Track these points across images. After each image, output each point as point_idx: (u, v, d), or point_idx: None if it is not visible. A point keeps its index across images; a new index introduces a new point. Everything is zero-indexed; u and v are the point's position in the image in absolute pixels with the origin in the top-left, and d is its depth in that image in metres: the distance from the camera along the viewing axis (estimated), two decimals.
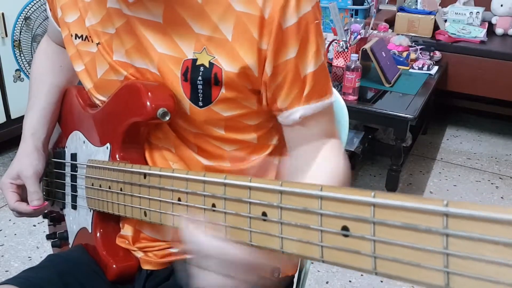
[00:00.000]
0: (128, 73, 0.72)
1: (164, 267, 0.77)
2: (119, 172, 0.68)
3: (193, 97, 0.68)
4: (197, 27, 0.65)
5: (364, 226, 0.36)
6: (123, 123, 0.72)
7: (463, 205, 0.30)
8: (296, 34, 0.64)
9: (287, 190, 0.41)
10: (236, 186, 0.46)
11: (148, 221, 0.63)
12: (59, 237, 0.90)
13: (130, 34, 0.69)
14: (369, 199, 0.35)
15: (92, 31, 0.74)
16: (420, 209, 0.32)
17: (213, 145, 0.73)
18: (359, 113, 2.07)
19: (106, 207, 0.72)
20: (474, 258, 0.30)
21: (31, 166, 0.84)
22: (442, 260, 0.31)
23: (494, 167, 2.62)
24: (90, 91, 0.79)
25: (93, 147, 0.79)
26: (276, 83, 0.67)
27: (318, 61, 0.67)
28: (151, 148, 0.75)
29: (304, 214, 0.40)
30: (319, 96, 0.69)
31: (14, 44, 2.30)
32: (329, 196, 0.38)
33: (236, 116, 0.71)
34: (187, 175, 0.53)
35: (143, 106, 0.67)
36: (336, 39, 2.32)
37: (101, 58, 0.74)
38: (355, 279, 1.79)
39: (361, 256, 0.36)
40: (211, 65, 0.66)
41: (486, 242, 0.29)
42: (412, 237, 0.33)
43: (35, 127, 0.87)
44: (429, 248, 0.32)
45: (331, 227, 0.38)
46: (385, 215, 0.34)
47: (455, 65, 2.68)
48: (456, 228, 0.31)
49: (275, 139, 0.79)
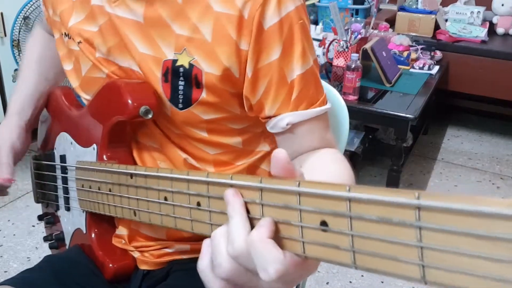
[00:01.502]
0: (109, 71, 0.72)
1: (160, 267, 0.77)
2: (107, 173, 0.67)
3: (173, 98, 0.67)
4: (178, 27, 0.64)
5: (341, 221, 0.36)
6: (107, 122, 0.71)
7: (435, 197, 0.30)
8: (278, 35, 0.62)
9: (267, 186, 0.41)
10: (219, 184, 0.46)
11: (138, 221, 0.63)
12: (56, 239, 0.90)
13: (113, 32, 0.69)
14: (344, 194, 0.35)
15: (73, 31, 0.74)
16: (393, 202, 0.32)
17: (196, 147, 0.73)
18: (359, 113, 2.06)
19: (98, 208, 0.72)
20: (448, 251, 0.29)
21: (10, 139, 0.82)
22: (416, 253, 0.31)
23: (495, 167, 2.61)
24: (77, 89, 0.79)
25: (80, 148, 0.79)
26: (262, 88, 0.65)
27: (305, 64, 0.65)
28: (139, 147, 0.74)
29: (284, 210, 0.40)
30: (309, 104, 0.66)
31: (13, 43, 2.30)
32: (307, 192, 0.38)
33: (217, 120, 0.69)
34: (171, 174, 0.53)
35: (125, 104, 0.67)
36: (336, 39, 2.31)
37: (84, 57, 0.74)
38: (355, 280, 1.78)
39: (340, 251, 0.36)
40: (191, 66, 0.65)
41: (460, 235, 0.29)
42: (387, 230, 0.33)
43: (20, 107, 0.86)
44: (403, 241, 0.32)
45: (310, 223, 0.38)
46: (360, 209, 0.34)
47: (456, 65, 2.67)
48: (428, 221, 0.30)
49: (264, 145, 0.77)
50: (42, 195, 0.93)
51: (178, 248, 0.76)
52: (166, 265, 0.77)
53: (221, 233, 0.42)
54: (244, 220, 0.41)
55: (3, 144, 0.81)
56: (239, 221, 0.40)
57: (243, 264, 0.39)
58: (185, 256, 0.77)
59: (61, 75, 0.92)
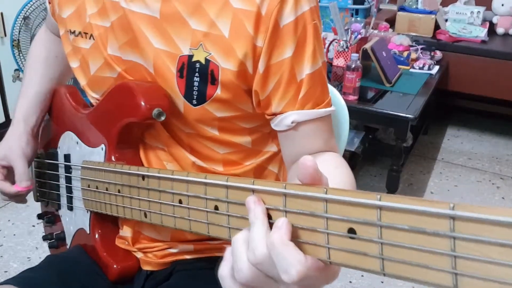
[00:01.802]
0: (121, 69, 0.71)
1: (164, 268, 0.77)
2: (116, 173, 0.67)
3: (188, 94, 0.67)
4: (194, 23, 0.65)
5: (370, 229, 0.36)
6: (118, 123, 0.71)
7: (469, 208, 0.31)
8: (293, 33, 0.63)
9: (291, 192, 0.40)
10: (239, 189, 0.45)
11: (149, 222, 0.63)
12: (56, 238, 0.90)
13: (126, 28, 0.69)
14: (375, 202, 0.35)
15: (92, 24, 0.73)
16: (426, 212, 0.33)
17: (205, 147, 0.73)
18: (359, 113, 2.06)
19: (105, 209, 0.71)
20: (481, 260, 0.30)
21: (20, 148, 0.84)
22: (449, 262, 0.32)
23: (495, 167, 2.61)
24: (84, 88, 0.78)
25: (87, 148, 0.78)
26: (272, 85, 0.65)
27: (314, 64, 0.66)
28: (146, 148, 0.74)
29: (309, 217, 0.39)
30: (315, 104, 0.67)
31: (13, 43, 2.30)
32: (334, 199, 0.38)
33: (229, 118, 0.70)
34: (187, 177, 0.52)
35: (138, 106, 0.67)
36: (336, 39, 2.31)
37: (96, 53, 0.73)
38: (355, 280, 1.78)
39: (368, 258, 0.36)
40: (207, 62, 0.65)
41: (493, 245, 0.30)
42: (419, 239, 0.33)
43: (26, 113, 0.87)
44: (436, 250, 0.32)
45: (337, 230, 0.38)
46: (391, 218, 0.34)
47: (456, 65, 2.67)
48: (462, 231, 0.31)
49: (272, 146, 0.78)
50: (42, 193, 0.93)
51: (181, 249, 0.76)
52: (169, 266, 0.77)
53: (242, 239, 0.41)
54: (266, 228, 0.41)
55: (16, 153, 0.83)
56: (260, 229, 0.40)
57: (263, 271, 0.39)
58: (189, 257, 0.77)
59: (66, 73, 0.92)
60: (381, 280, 1.78)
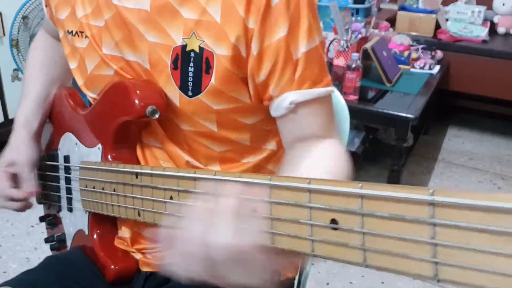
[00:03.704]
0: (118, 67, 0.71)
1: None
2: (111, 172, 0.67)
3: (183, 85, 0.66)
4: (185, 11, 0.64)
5: (352, 218, 0.36)
6: (113, 122, 0.71)
7: (449, 194, 0.30)
8: (285, 10, 0.62)
9: (276, 184, 0.41)
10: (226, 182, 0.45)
11: (142, 221, 0.62)
12: (57, 240, 0.90)
13: (119, 25, 0.68)
14: (356, 190, 0.35)
15: (84, 24, 0.73)
16: (406, 198, 0.32)
17: (202, 145, 0.72)
18: (360, 113, 2.05)
19: (101, 209, 0.71)
20: (461, 248, 0.29)
21: (26, 155, 0.85)
22: (430, 250, 0.31)
23: (496, 167, 2.60)
24: (82, 88, 0.78)
25: (85, 149, 0.79)
26: (268, 67, 0.64)
27: (311, 41, 0.64)
28: (142, 147, 0.74)
29: (293, 208, 0.40)
30: (313, 83, 0.65)
31: (12, 43, 2.29)
32: (318, 189, 0.38)
33: (227, 111, 0.69)
34: (177, 173, 0.53)
35: (131, 104, 0.67)
36: (336, 38, 2.31)
37: (92, 52, 0.73)
38: (356, 280, 1.77)
39: (350, 249, 0.36)
40: (201, 50, 0.64)
41: (474, 231, 0.29)
42: (399, 228, 0.33)
43: (28, 118, 0.87)
44: (416, 238, 0.32)
45: (320, 221, 0.38)
46: (373, 206, 0.34)
47: (456, 65, 2.66)
48: (442, 217, 0.30)
49: (270, 144, 0.77)
50: (44, 196, 0.93)
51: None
52: None
53: None
54: None
55: (21, 160, 0.85)
56: None
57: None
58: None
59: (66, 76, 0.93)
60: (381, 280, 1.78)
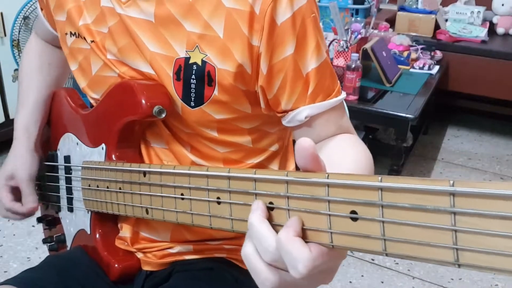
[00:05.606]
0: (121, 72, 0.71)
1: (163, 268, 0.77)
2: (117, 171, 0.67)
3: (185, 96, 0.67)
4: (189, 25, 0.64)
5: (372, 210, 0.36)
6: (118, 122, 0.71)
7: (468, 184, 0.31)
8: (292, 30, 0.62)
9: (293, 179, 0.41)
10: (241, 179, 0.46)
11: (151, 219, 0.63)
12: (57, 241, 0.90)
13: (123, 33, 0.69)
14: (376, 184, 0.36)
15: (84, 30, 0.73)
16: (427, 190, 0.33)
17: (206, 146, 0.73)
18: (359, 113, 2.06)
19: (105, 208, 0.71)
20: (481, 233, 0.31)
21: (26, 169, 0.85)
22: (450, 237, 0.32)
23: (495, 167, 2.61)
24: (85, 89, 0.78)
25: (87, 149, 0.78)
26: (277, 84, 0.65)
27: (319, 58, 0.65)
28: (146, 146, 0.74)
29: (311, 202, 0.40)
30: (325, 95, 0.66)
31: (13, 43, 2.29)
32: (336, 183, 0.38)
33: (228, 120, 0.69)
34: (189, 171, 0.53)
35: (138, 104, 0.67)
36: (336, 39, 2.31)
37: (95, 56, 0.73)
38: (355, 280, 1.78)
39: (370, 239, 0.37)
40: (203, 63, 0.65)
41: (492, 218, 0.30)
42: (420, 217, 0.34)
43: (26, 125, 0.87)
44: (437, 226, 0.33)
45: (339, 212, 0.38)
46: (392, 198, 0.35)
47: (456, 65, 2.67)
48: (462, 206, 0.32)
49: (273, 145, 0.77)
50: (42, 196, 0.93)
51: (181, 249, 0.76)
52: (169, 266, 0.77)
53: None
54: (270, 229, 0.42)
55: (22, 175, 0.84)
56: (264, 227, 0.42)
57: (280, 267, 0.41)
58: (188, 257, 0.77)
59: (61, 78, 0.92)
60: (381, 280, 1.78)
